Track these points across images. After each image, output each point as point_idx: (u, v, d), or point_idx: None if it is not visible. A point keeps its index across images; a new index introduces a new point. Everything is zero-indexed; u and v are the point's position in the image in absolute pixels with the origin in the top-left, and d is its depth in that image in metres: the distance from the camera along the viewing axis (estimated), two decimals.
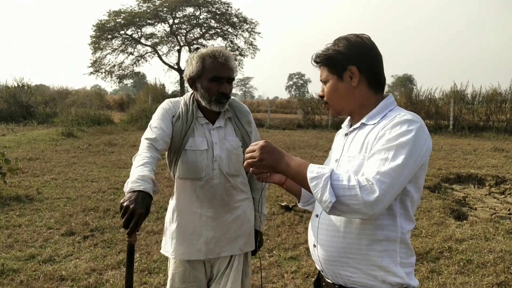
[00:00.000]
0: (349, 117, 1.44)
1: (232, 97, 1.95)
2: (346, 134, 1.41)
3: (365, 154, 1.27)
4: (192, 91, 1.94)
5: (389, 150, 1.18)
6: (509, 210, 5.36)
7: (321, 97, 1.43)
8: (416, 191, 1.27)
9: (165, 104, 1.93)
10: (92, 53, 27.84)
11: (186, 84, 1.92)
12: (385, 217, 1.25)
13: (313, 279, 3.29)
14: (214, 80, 1.82)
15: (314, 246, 1.39)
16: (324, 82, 1.40)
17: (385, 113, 1.33)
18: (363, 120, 1.35)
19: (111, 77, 28.95)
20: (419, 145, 1.20)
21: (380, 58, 1.37)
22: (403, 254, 1.29)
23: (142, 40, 28.47)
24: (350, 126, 1.41)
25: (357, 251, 1.28)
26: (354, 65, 1.33)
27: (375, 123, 1.31)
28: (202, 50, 1.86)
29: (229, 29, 28.83)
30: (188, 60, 1.91)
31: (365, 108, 1.36)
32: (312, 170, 1.20)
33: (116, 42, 27.97)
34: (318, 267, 1.43)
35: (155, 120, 1.84)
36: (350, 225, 1.28)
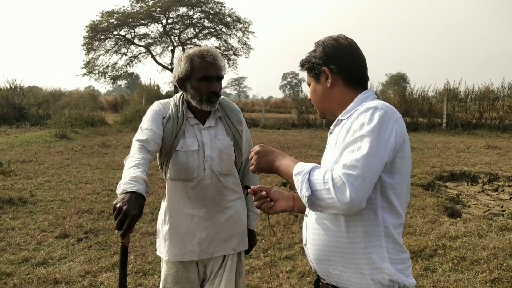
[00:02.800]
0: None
1: (222, 96, 1.95)
2: (330, 133, 1.43)
3: (339, 150, 1.26)
4: (182, 91, 1.93)
5: (354, 142, 1.19)
6: (502, 207, 5.41)
7: (310, 100, 1.49)
8: (397, 181, 1.25)
9: (155, 105, 1.92)
10: (85, 54, 27.70)
11: None
12: (365, 212, 1.24)
13: (308, 278, 3.31)
14: (204, 79, 1.82)
15: (305, 245, 1.39)
16: (308, 85, 1.45)
17: (360, 106, 1.32)
18: (339, 117, 1.37)
19: (105, 78, 28.78)
20: (385, 132, 1.19)
21: (357, 55, 1.38)
22: (390, 249, 1.26)
23: (136, 41, 28.35)
24: None
25: (341, 249, 1.27)
26: (326, 67, 1.36)
27: (348, 117, 1.32)
28: (190, 51, 1.86)
29: (223, 29, 28.78)
30: (176, 61, 1.91)
31: (345, 106, 1.37)
32: (297, 167, 1.24)
33: (109, 43, 27.82)
34: (312, 267, 1.43)
35: (146, 122, 1.83)
36: (332, 223, 1.28)
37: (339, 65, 1.36)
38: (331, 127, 1.43)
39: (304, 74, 1.49)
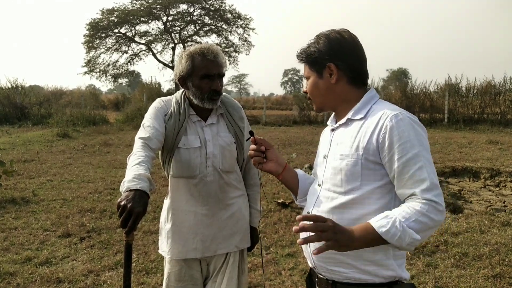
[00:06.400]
0: (333, 115, 1.45)
1: (223, 93, 1.95)
2: (333, 130, 1.41)
3: (359, 153, 1.27)
4: (183, 89, 1.93)
5: (415, 160, 1.22)
6: (504, 202, 5.40)
7: (306, 92, 1.44)
8: None
9: (157, 103, 1.92)
10: (86, 53, 27.74)
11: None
12: (377, 212, 1.25)
13: None
14: (205, 77, 1.81)
15: None
16: (306, 78, 1.41)
17: (369, 106, 1.33)
18: (348, 116, 1.35)
19: (106, 76, 28.86)
20: (426, 140, 1.27)
21: (361, 52, 1.37)
22: None
23: (136, 38, 28.37)
24: (336, 122, 1.42)
25: None
26: (332, 63, 1.33)
27: (361, 118, 1.32)
28: (191, 48, 1.85)
29: (223, 26, 28.77)
30: (177, 59, 1.91)
31: (348, 103, 1.36)
32: (380, 225, 1.17)
33: (110, 41, 27.87)
34: (310, 264, 1.43)
35: (148, 119, 1.83)
36: (341, 222, 1.28)
37: (344, 61, 1.34)
38: (335, 124, 1.41)
39: (301, 66, 1.45)
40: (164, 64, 28.90)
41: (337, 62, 1.33)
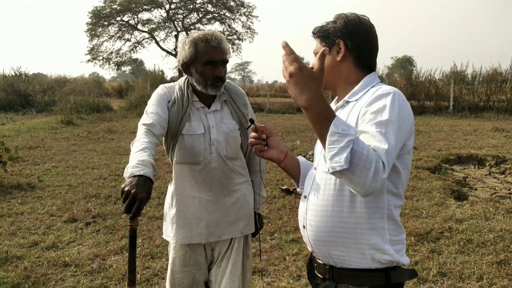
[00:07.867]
0: (336, 98, 1.45)
1: (227, 80, 1.93)
2: None
3: None
4: (186, 75, 1.92)
5: (381, 125, 1.15)
6: (509, 189, 5.38)
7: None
8: (403, 167, 1.27)
9: (160, 89, 1.91)
10: (89, 41, 27.63)
11: None
12: (372, 195, 1.21)
13: None
14: (208, 64, 1.80)
15: (304, 227, 1.39)
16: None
17: (367, 89, 1.33)
18: (345, 98, 1.36)
19: (109, 64, 28.77)
20: (404, 120, 1.20)
21: (373, 41, 1.37)
22: (391, 231, 1.29)
23: (139, 26, 28.19)
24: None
25: (345, 230, 1.28)
26: (342, 40, 1.34)
27: (357, 99, 1.32)
28: (194, 35, 1.83)
29: (227, 13, 28.50)
30: (180, 46, 1.89)
31: (349, 85, 1.36)
32: (338, 125, 1.06)
33: (112, 29, 27.71)
34: (309, 248, 1.43)
35: (151, 105, 1.82)
36: (337, 204, 1.28)
37: (355, 43, 1.34)
38: (333, 106, 1.41)
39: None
40: (167, 52, 28.76)
41: (347, 41, 1.33)
